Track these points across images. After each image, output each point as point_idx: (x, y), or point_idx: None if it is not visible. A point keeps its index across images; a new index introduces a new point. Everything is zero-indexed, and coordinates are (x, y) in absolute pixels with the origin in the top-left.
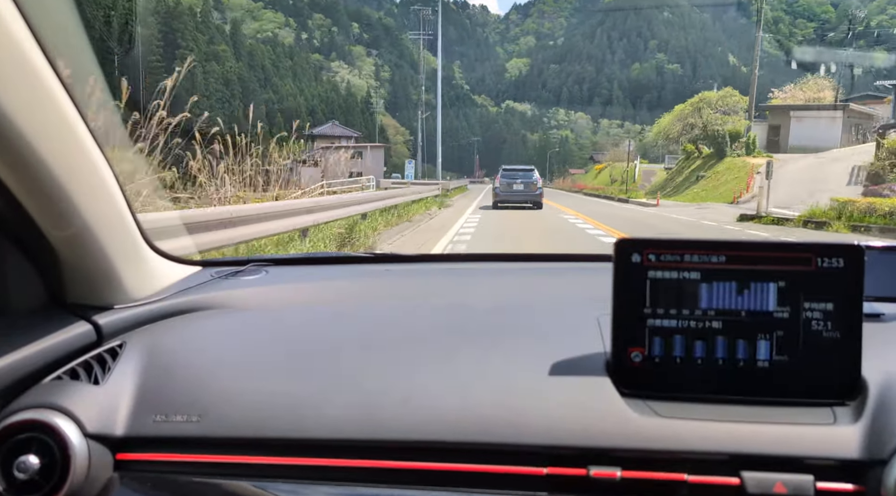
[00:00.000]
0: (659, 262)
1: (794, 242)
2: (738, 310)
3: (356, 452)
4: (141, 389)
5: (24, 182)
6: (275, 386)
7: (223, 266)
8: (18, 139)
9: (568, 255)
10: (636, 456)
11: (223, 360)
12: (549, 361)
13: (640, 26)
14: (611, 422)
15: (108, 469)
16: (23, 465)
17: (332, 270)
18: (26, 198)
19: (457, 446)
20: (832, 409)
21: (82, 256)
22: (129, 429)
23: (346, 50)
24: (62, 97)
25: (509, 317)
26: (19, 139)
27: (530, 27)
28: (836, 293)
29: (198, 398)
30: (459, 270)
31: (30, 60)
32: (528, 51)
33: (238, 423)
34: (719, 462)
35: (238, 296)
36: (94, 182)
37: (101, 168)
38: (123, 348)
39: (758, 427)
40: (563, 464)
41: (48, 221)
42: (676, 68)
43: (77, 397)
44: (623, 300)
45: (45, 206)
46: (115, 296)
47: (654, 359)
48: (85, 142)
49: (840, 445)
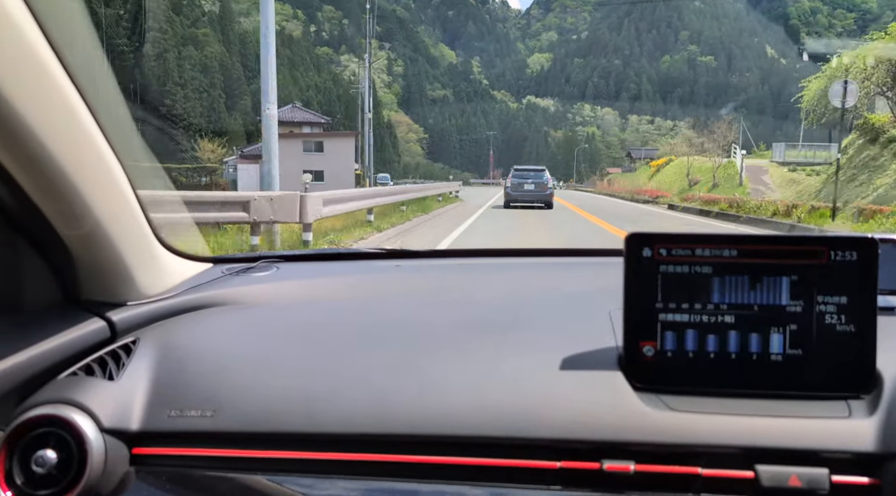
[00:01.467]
0: (670, 257)
1: (806, 236)
2: (750, 304)
3: (369, 446)
4: (155, 385)
5: (37, 181)
6: (288, 380)
7: (234, 262)
8: (31, 138)
9: (579, 250)
10: (649, 450)
11: (236, 356)
12: (561, 355)
13: (670, 16)
14: (623, 416)
15: (125, 463)
16: (41, 460)
17: (342, 266)
18: (39, 197)
19: (470, 440)
20: (847, 403)
21: (96, 254)
22: (145, 424)
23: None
24: (73, 95)
25: (521, 311)
26: (32, 138)
27: (552, 22)
28: (849, 286)
29: (212, 393)
30: (470, 265)
31: (40, 57)
32: (549, 46)
33: (252, 418)
34: (733, 455)
35: (249, 292)
36: (107, 180)
37: (113, 166)
38: (137, 344)
39: (772, 420)
40: (577, 457)
41: (61, 220)
42: (710, 61)
43: (93, 393)
44: (634, 294)
45: (59, 205)
46: (129, 293)
47: (667, 353)
48: (96, 140)
49: (855, 438)
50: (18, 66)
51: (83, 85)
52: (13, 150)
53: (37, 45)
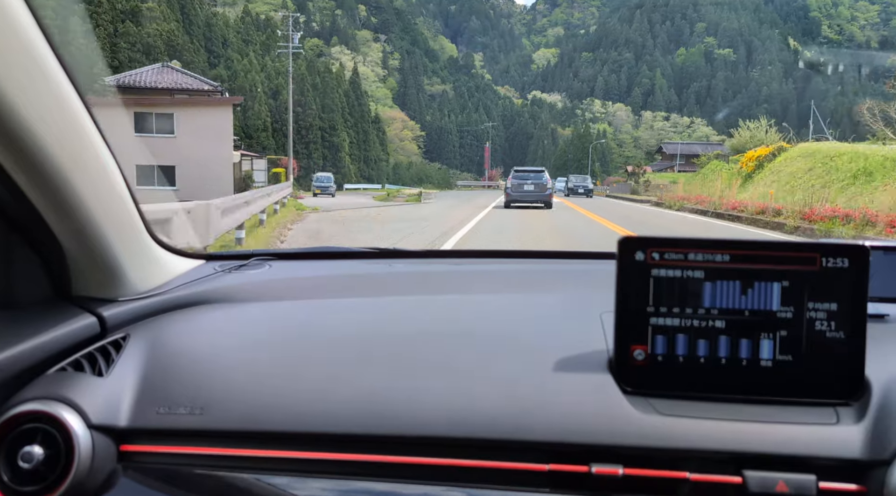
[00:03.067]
0: (663, 261)
1: (799, 242)
2: (741, 309)
3: (358, 446)
4: (144, 381)
5: (29, 175)
6: (277, 379)
7: (227, 260)
8: (23, 132)
9: (573, 253)
10: (638, 453)
11: (226, 353)
12: (552, 358)
13: (685, 7)
14: (613, 420)
15: (112, 460)
16: (27, 456)
17: (335, 265)
18: (32, 191)
19: (459, 441)
20: (835, 409)
21: (87, 250)
22: (133, 421)
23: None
24: (67, 88)
25: (513, 313)
26: (24, 132)
27: (559, 17)
28: (840, 293)
29: (200, 391)
30: (463, 267)
31: (33, 49)
32: (556, 41)
33: (240, 416)
34: (721, 460)
35: (241, 289)
36: (100, 175)
37: (107, 161)
38: (127, 341)
39: (760, 426)
40: (565, 460)
41: (54, 215)
42: (728, 53)
43: (81, 389)
44: (626, 298)
45: (51, 200)
46: (120, 289)
47: (657, 357)
48: (90, 134)
49: (843, 445)
50: (10, 58)
51: (74, 75)
52: (6, 143)
53: (30, 37)
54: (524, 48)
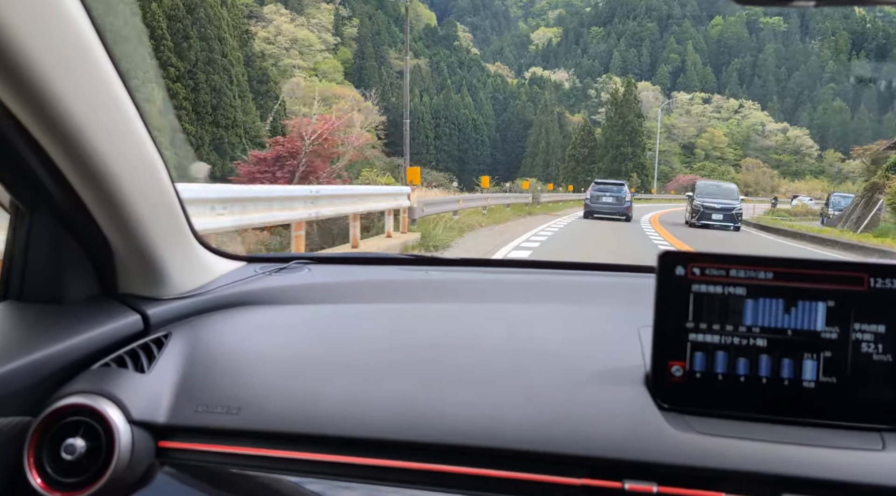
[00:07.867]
0: (704, 276)
1: (846, 261)
2: (784, 328)
3: (391, 452)
4: (184, 379)
5: (82, 175)
6: (313, 382)
7: (267, 262)
8: (78, 132)
9: (612, 265)
10: (673, 471)
11: (264, 354)
12: (587, 371)
13: None
14: (648, 436)
15: (150, 455)
16: (70, 448)
17: (373, 271)
18: (85, 191)
19: (492, 451)
20: (881, 435)
21: (134, 248)
22: (172, 418)
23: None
24: (120, 91)
25: (549, 324)
26: (79, 132)
27: None
28: (889, 315)
29: (238, 390)
30: (500, 276)
31: (87, 51)
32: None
33: (276, 417)
34: (760, 482)
35: (281, 292)
36: (149, 177)
37: (156, 163)
38: (169, 339)
39: (802, 449)
40: (599, 475)
41: (104, 214)
42: (777, 22)
43: (124, 384)
44: (665, 313)
45: (102, 199)
46: (164, 288)
47: (696, 374)
48: (141, 137)
49: (889, 472)
50: (67, 60)
51: (128, 79)
52: (63, 144)
53: (85, 39)
54: (520, 28)
